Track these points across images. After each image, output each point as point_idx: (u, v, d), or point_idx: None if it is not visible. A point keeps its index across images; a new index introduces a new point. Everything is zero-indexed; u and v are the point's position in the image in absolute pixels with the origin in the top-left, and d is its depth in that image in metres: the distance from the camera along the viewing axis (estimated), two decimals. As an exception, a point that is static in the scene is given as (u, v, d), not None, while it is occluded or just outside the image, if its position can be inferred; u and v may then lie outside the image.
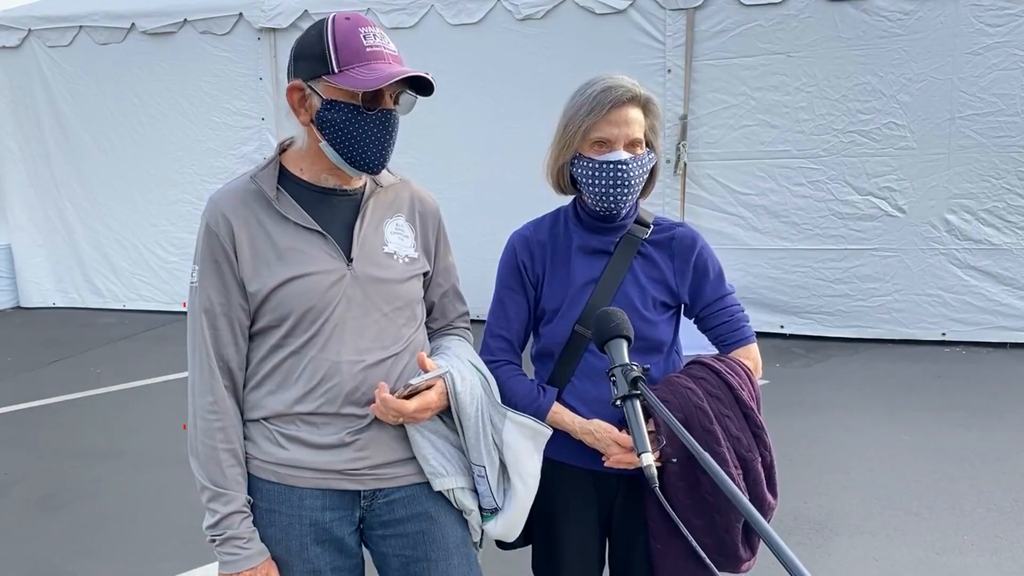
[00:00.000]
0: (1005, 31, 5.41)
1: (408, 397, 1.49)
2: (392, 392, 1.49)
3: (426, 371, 1.51)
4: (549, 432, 1.63)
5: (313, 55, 1.43)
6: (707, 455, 1.03)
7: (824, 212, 5.93)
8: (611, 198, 1.65)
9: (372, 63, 1.41)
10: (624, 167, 1.63)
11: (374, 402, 1.50)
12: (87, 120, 7.54)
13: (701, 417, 1.57)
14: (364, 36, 1.43)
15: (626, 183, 1.63)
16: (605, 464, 1.65)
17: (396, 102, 1.49)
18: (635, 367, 1.26)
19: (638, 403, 1.23)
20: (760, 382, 1.71)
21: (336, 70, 1.41)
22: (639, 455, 1.15)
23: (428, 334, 1.73)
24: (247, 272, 1.49)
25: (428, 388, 1.52)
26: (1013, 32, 5.40)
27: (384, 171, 1.64)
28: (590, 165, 1.65)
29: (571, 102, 1.68)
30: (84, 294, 7.94)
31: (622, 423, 1.65)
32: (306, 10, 6.69)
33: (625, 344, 1.33)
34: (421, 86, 1.49)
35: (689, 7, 5.91)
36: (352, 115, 1.44)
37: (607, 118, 1.62)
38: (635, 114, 1.64)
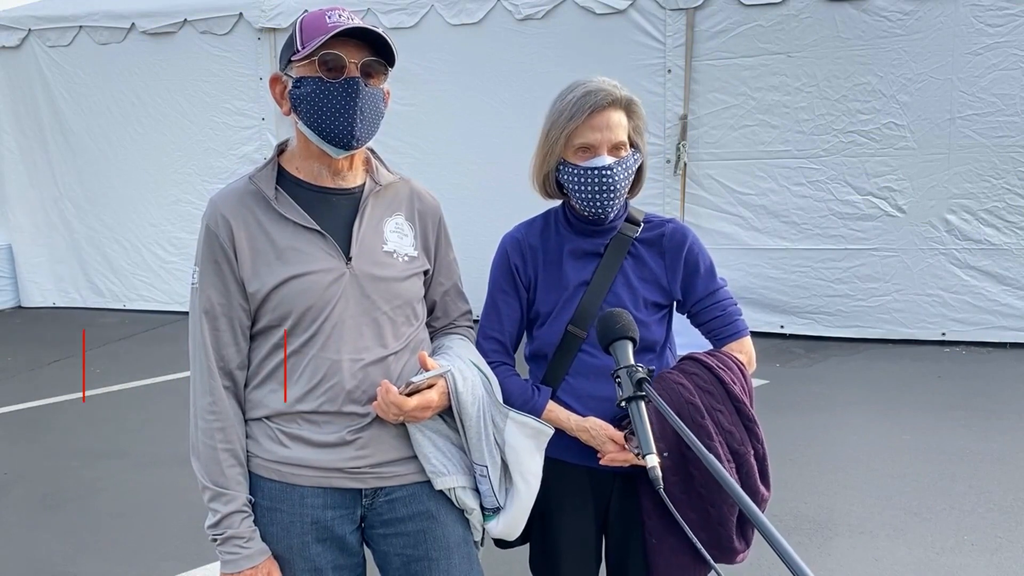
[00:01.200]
0: (1005, 31, 5.42)
1: (409, 395, 1.49)
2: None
3: (427, 370, 1.51)
4: (551, 431, 1.63)
5: (287, 45, 1.50)
6: (712, 457, 1.03)
7: (824, 212, 5.93)
8: (598, 203, 1.66)
9: (329, 34, 1.43)
10: (609, 172, 1.63)
11: (375, 400, 1.50)
12: (87, 120, 7.54)
13: (692, 412, 1.58)
14: (329, 16, 1.46)
15: (611, 188, 1.64)
16: (600, 463, 1.66)
17: (369, 76, 1.49)
18: (640, 368, 1.27)
19: (643, 405, 1.23)
20: (760, 382, 1.73)
21: (300, 48, 1.45)
22: (644, 456, 1.15)
23: (430, 333, 1.73)
24: (247, 272, 1.50)
25: (429, 387, 1.52)
26: (1013, 32, 5.41)
27: (383, 170, 1.65)
28: (575, 172, 1.66)
29: (552, 108, 1.69)
30: (84, 294, 7.94)
31: (616, 421, 1.66)
32: (306, 10, 6.64)
33: (630, 345, 1.34)
34: (388, 56, 1.49)
35: (689, 7, 5.91)
36: (317, 87, 1.46)
37: (588, 123, 1.63)
38: (617, 117, 1.65)
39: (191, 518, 3.41)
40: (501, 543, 1.80)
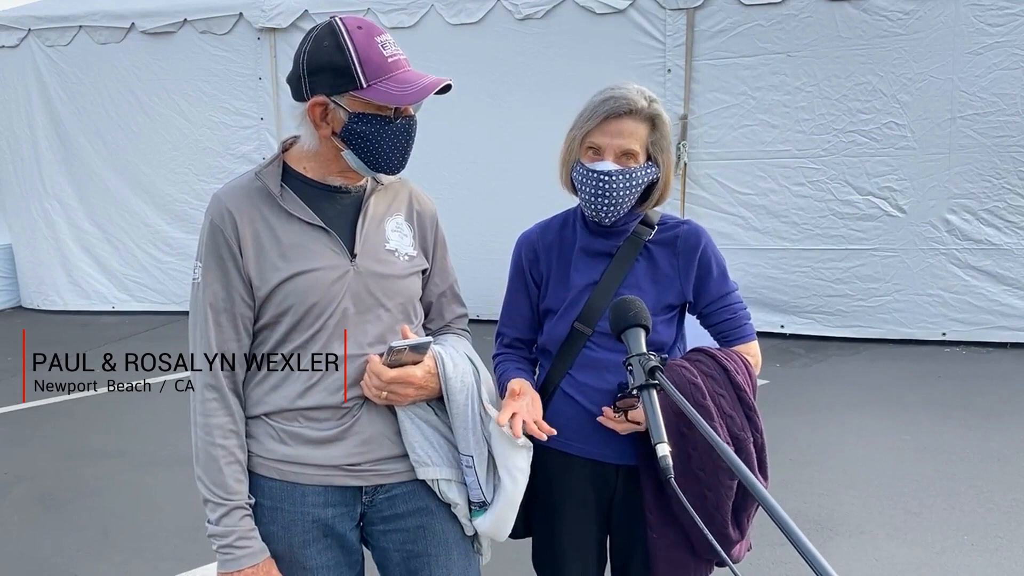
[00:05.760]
0: (1005, 31, 5.41)
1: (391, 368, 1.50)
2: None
3: (406, 339, 1.51)
4: None
5: (335, 70, 1.43)
6: (724, 444, 1.03)
7: (824, 212, 5.92)
8: (594, 206, 1.68)
9: (395, 73, 1.45)
10: (607, 178, 1.64)
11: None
12: (84, 121, 7.52)
13: (694, 392, 1.59)
14: (383, 46, 1.46)
15: (607, 194, 1.65)
16: (598, 419, 1.68)
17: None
18: (652, 356, 1.26)
19: (655, 393, 1.23)
20: (760, 382, 1.73)
21: (364, 85, 1.42)
22: (655, 445, 1.16)
23: (427, 335, 1.73)
24: (251, 268, 1.50)
25: (414, 364, 1.52)
26: (1013, 32, 5.40)
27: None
28: (582, 171, 1.69)
29: (582, 107, 1.73)
30: (80, 295, 7.91)
31: (612, 399, 1.67)
32: (306, 10, 6.69)
33: (643, 333, 1.34)
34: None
35: (689, 7, 5.91)
36: (381, 126, 1.47)
37: (601, 127, 1.66)
38: (631, 127, 1.65)
39: (191, 518, 3.41)
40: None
